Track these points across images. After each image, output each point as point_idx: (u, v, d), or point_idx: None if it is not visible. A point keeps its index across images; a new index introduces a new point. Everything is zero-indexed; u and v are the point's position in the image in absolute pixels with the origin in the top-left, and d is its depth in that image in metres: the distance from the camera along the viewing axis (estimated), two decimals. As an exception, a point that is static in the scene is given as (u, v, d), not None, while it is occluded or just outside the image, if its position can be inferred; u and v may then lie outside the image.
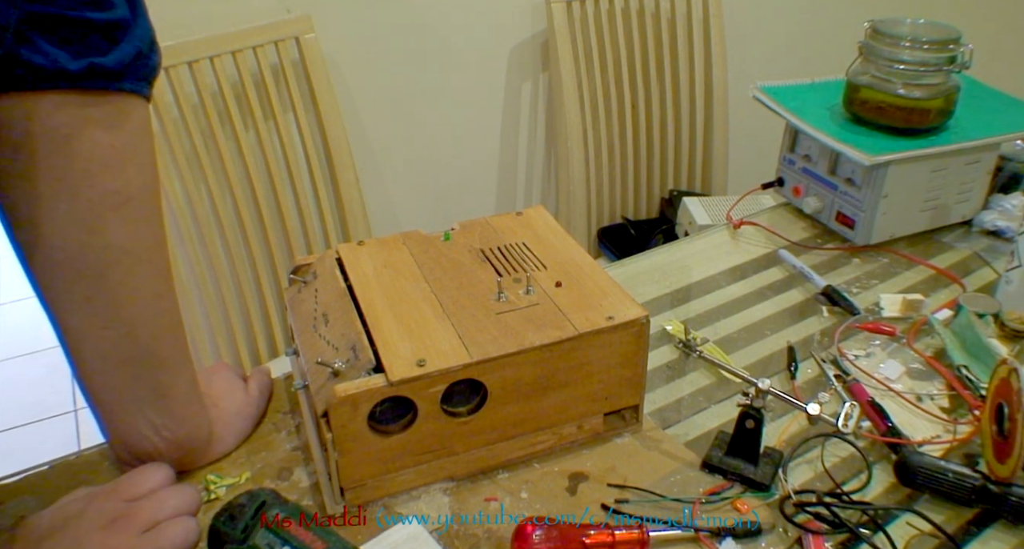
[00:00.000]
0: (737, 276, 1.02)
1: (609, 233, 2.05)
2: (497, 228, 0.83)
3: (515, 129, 2.06)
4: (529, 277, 0.74)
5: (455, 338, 0.67)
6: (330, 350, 0.69)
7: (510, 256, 0.78)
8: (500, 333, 0.68)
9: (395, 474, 0.69)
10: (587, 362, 0.70)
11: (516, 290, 0.73)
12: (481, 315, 0.70)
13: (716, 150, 2.08)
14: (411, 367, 0.64)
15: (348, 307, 0.71)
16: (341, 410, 0.63)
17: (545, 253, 0.78)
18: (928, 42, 1.03)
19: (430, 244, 0.80)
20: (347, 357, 0.67)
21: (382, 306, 0.71)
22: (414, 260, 0.78)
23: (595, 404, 0.73)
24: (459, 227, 0.83)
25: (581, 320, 0.69)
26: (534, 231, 0.82)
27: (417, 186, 1.96)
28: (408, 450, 0.68)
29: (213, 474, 0.71)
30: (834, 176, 1.07)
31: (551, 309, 0.71)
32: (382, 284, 0.74)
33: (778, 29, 2.22)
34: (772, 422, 0.78)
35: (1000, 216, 1.09)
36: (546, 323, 0.69)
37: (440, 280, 0.75)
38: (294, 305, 0.78)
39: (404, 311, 0.71)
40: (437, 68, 1.86)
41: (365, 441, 0.65)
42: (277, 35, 1.58)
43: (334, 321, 0.71)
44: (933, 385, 0.84)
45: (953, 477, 0.68)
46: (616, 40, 1.91)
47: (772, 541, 0.66)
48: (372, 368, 0.64)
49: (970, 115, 1.08)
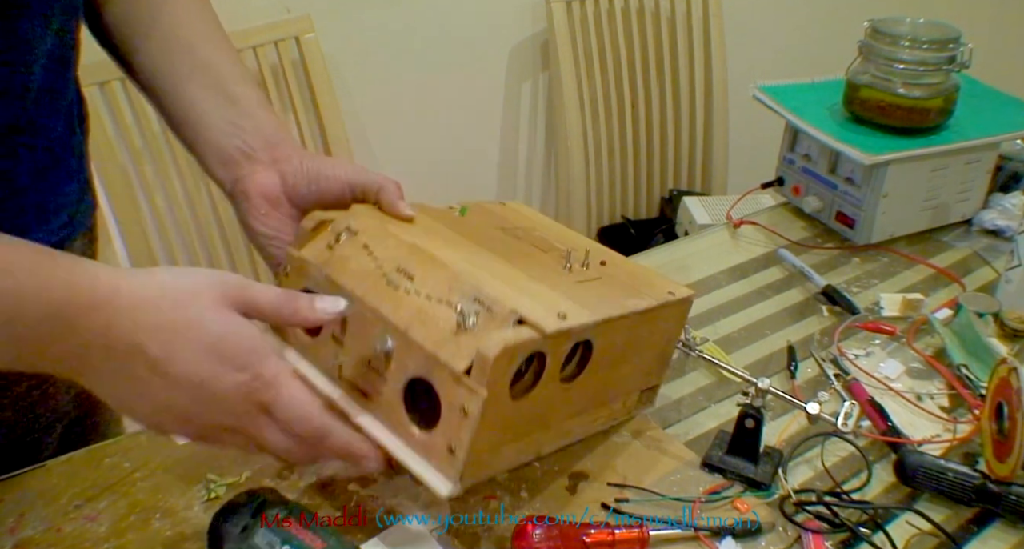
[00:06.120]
0: (737, 275, 1.02)
1: (609, 233, 2.05)
2: (498, 213, 0.78)
3: (515, 129, 2.06)
4: (571, 254, 0.70)
5: (564, 297, 0.61)
6: (434, 305, 0.60)
7: (534, 236, 0.74)
8: (597, 297, 0.63)
9: (502, 449, 0.62)
10: (653, 334, 0.69)
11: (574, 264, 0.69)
12: (565, 281, 0.65)
13: (716, 150, 2.08)
14: (555, 320, 0.58)
15: (435, 261, 0.63)
16: (501, 363, 0.55)
17: (561, 238, 0.76)
18: (928, 42, 1.03)
19: (451, 218, 0.73)
20: (473, 309, 0.58)
21: (465, 263, 0.63)
22: (451, 229, 0.70)
23: (642, 379, 0.72)
24: (460, 206, 0.77)
25: (653, 293, 0.67)
26: (532, 219, 0.79)
27: (417, 186, 1.95)
28: (521, 418, 0.61)
29: (213, 474, 0.71)
30: (834, 176, 1.07)
31: (619, 282, 0.68)
32: (446, 243, 0.66)
33: (778, 29, 2.22)
34: (772, 421, 0.78)
35: (1000, 215, 1.09)
36: (628, 293, 0.66)
37: (495, 249, 0.67)
38: (332, 263, 0.64)
39: (492, 269, 0.63)
40: (437, 68, 1.86)
41: (502, 404, 0.58)
42: (277, 35, 1.58)
43: (424, 276, 0.62)
44: (933, 384, 0.84)
45: (953, 476, 0.68)
46: (616, 40, 1.91)
47: (772, 540, 0.66)
48: (517, 320, 0.58)
49: (970, 115, 1.08)
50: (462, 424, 0.56)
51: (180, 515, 0.67)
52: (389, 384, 0.60)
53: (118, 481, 0.70)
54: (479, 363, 0.55)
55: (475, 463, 0.57)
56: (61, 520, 0.66)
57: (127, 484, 0.70)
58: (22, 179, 0.65)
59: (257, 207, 0.68)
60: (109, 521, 0.66)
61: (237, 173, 0.68)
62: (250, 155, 0.68)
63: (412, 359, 0.58)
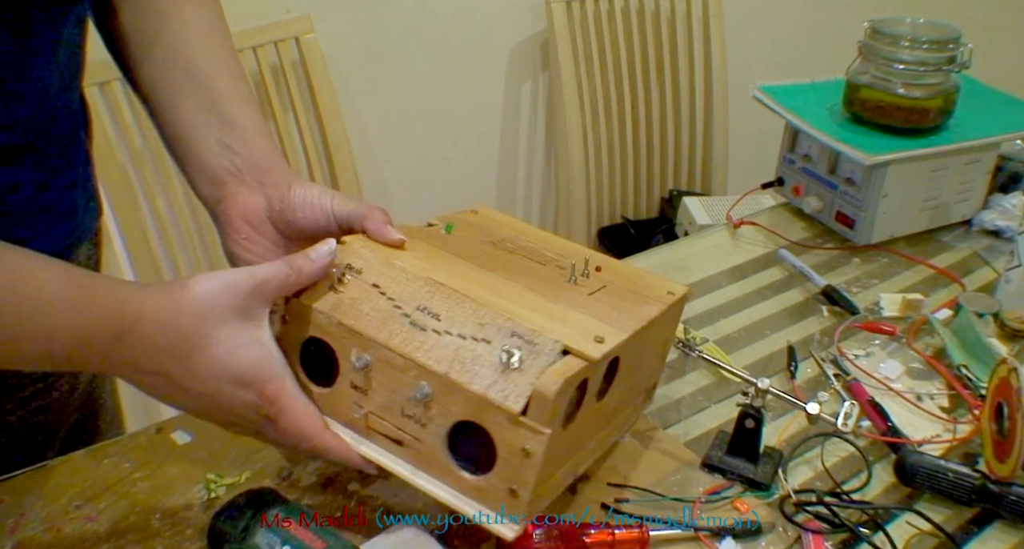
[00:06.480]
0: (737, 276, 1.02)
1: (609, 233, 2.05)
2: (479, 225, 0.76)
3: (515, 129, 2.06)
4: (572, 264, 0.68)
5: (589, 317, 0.61)
6: (470, 344, 0.58)
7: (524, 247, 0.72)
8: (616, 311, 0.62)
9: (552, 478, 0.60)
10: (658, 335, 0.69)
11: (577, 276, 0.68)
12: (577, 296, 0.64)
13: (716, 150, 2.08)
14: (595, 345, 0.57)
15: (456, 294, 0.61)
16: (560, 399, 0.54)
17: (547, 245, 0.74)
18: (928, 42, 1.03)
19: (440, 237, 0.71)
20: (514, 344, 0.56)
21: (486, 292, 0.61)
22: (447, 251, 0.67)
23: (647, 379, 0.72)
24: (441, 221, 0.73)
25: (654, 294, 0.67)
26: (511, 226, 0.77)
27: (417, 186, 1.96)
28: (567, 444, 0.60)
29: (213, 474, 0.71)
30: (834, 176, 1.07)
31: (622, 288, 0.67)
32: (454, 271, 0.63)
33: (778, 29, 2.22)
34: (772, 422, 0.78)
35: (1000, 216, 1.09)
36: (635, 299, 0.65)
37: (498, 268, 0.66)
38: (341, 308, 0.61)
39: (508, 295, 0.61)
40: (437, 68, 1.86)
41: (557, 438, 0.56)
42: (277, 35, 1.58)
43: (450, 313, 0.59)
44: (933, 385, 0.84)
45: (953, 476, 0.68)
46: (616, 40, 1.91)
47: (772, 541, 0.66)
48: (561, 350, 0.56)
49: (970, 115, 1.08)
50: (524, 465, 0.54)
51: (180, 515, 0.67)
52: (429, 430, 0.58)
53: (118, 481, 0.70)
54: (538, 402, 0.53)
55: (534, 500, 0.56)
56: (61, 520, 0.66)
57: (127, 484, 0.70)
58: (28, 189, 0.65)
59: (237, 230, 0.67)
60: (109, 521, 0.66)
61: (222, 192, 0.68)
62: (237, 176, 0.67)
63: (456, 404, 0.56)
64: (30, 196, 0.66)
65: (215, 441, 0.74)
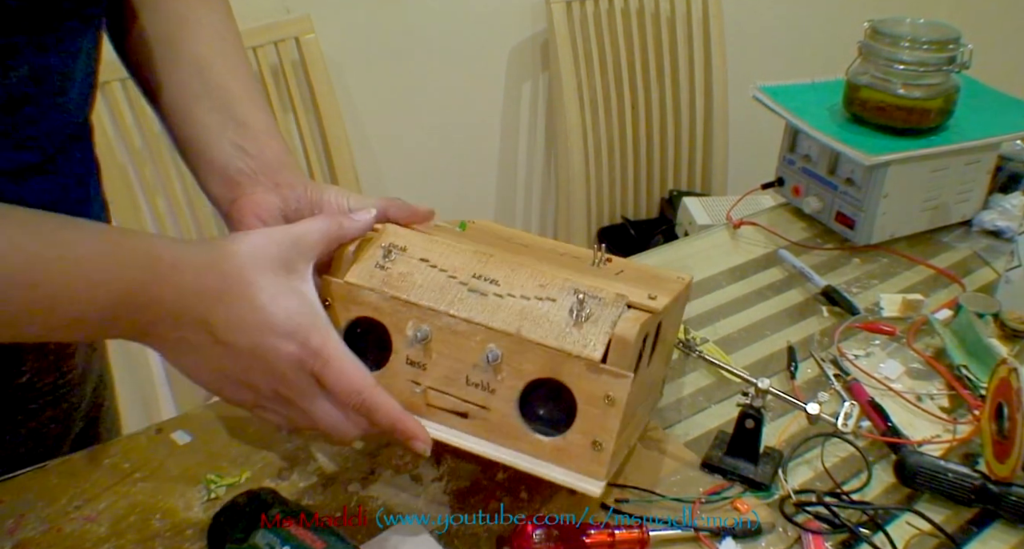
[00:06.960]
0: (737, 276, 1.02)
1: (609, 233, 2.05)
2: (486, 228, 0.76)
3: (515, 129, 2.06)
4: (591, 252, 0.69)
5: (625, 285, 0.61)
6: (535, 304, 0.58)
7: (533, 245, 0.72)
8: (644, 286, 0.62)
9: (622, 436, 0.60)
10: (672, 320, 0.69)
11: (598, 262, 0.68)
12: (606, 275, 0.64)
13: (716, 150, 2.08)
14: (651, 301, 0.58)
15: (509, 261, 0.61)
16: (638, 343, 0.55)
17: (550, 244, 0.74)
18: (928, 42, 1.03)
19: (457, 233, 0.70)
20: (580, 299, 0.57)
21: (531, 261, 0.62)
22: (472, 240, 0.67)
23: (663, 369, 0.73)
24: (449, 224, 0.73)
25: (667, 279, 0.67)
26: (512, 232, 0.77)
27: (417, 186, 1.96)
28: (632, 401, 0.59)
29: (213, 474, 0.71)
30: (834, 176, 1.07)
31: (638, 274, 0.67)
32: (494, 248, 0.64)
33: (778, 29, 2.22)
34: (772, 422, 0.78)
35: (1000, 216, 1.09)
36: (655, 282, 0.65)
37: (524, 254, 0.65)
38: (392, 283, 0.61)
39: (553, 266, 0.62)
40: (437, 68, 1.86)
41: (635, 386, 0.57)
42: (277, 35, 1.58)
43: (509, 277, 0.60)
44: (933, 385, 0.84)
45: (953, 477, 0.69)
46: (616, 40, 1.92)
47: (772, 541, 0.66)
48: (627, 303, 0.58)
49: (970, 115, 1.08)
50: (608, 413, 0.55)
51: (180, 515, 0.67)
52: (499, 395, 0.58)
53: (118, 481, 0.70)
54: (618, 347, 0.54)
55: (616, 453, 0.56)
56: (61, 520, 0.66)
57: (127, 484, 0.70)
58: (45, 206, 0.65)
59: (251, 229, 0.66)
60: (109, 521, 0.66)
61: (236, 193, 0.67)
62: (252, 177, 0.67)
63: (529, 362, 0.57)
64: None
65: (215, 441, 0.74)
